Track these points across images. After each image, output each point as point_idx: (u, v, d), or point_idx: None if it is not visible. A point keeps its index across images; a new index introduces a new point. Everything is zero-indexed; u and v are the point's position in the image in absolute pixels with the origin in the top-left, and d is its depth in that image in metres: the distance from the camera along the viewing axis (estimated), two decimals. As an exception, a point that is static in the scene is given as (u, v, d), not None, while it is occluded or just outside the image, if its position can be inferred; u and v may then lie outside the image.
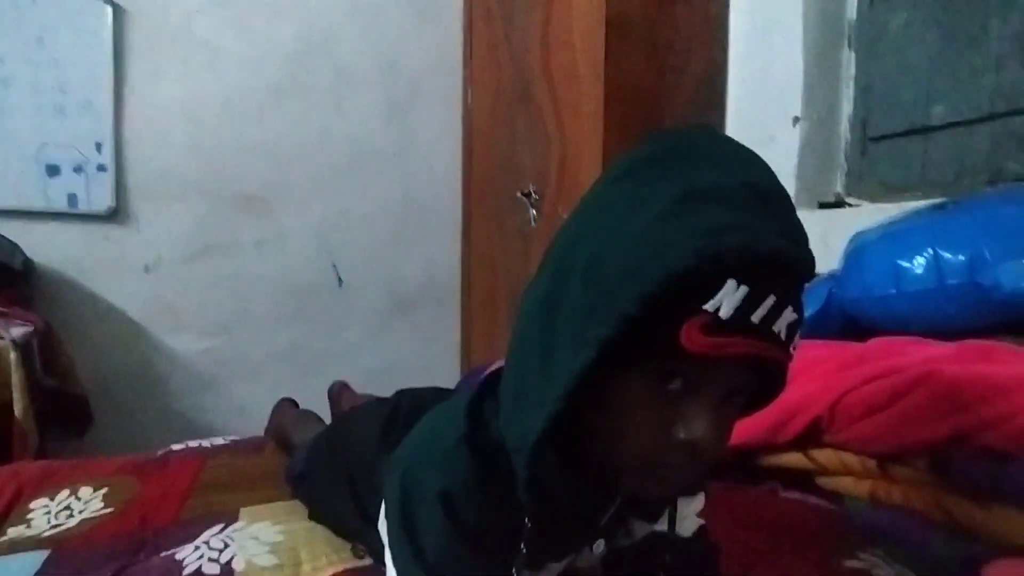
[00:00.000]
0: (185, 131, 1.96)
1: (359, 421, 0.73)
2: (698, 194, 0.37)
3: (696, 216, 0.37)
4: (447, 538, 0.44)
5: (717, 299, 0.35)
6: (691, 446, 0.39)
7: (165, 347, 1.97)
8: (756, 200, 0.38)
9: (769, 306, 0.36)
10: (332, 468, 0.70)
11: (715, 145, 0.42)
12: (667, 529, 0.52)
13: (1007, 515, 0.58)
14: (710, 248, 0.35)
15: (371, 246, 2.21)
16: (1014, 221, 0.90)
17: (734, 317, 0.36)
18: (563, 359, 0.38)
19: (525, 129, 1.97)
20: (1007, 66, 1.32)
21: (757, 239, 0.36)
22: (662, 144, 0.42)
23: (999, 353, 0.72)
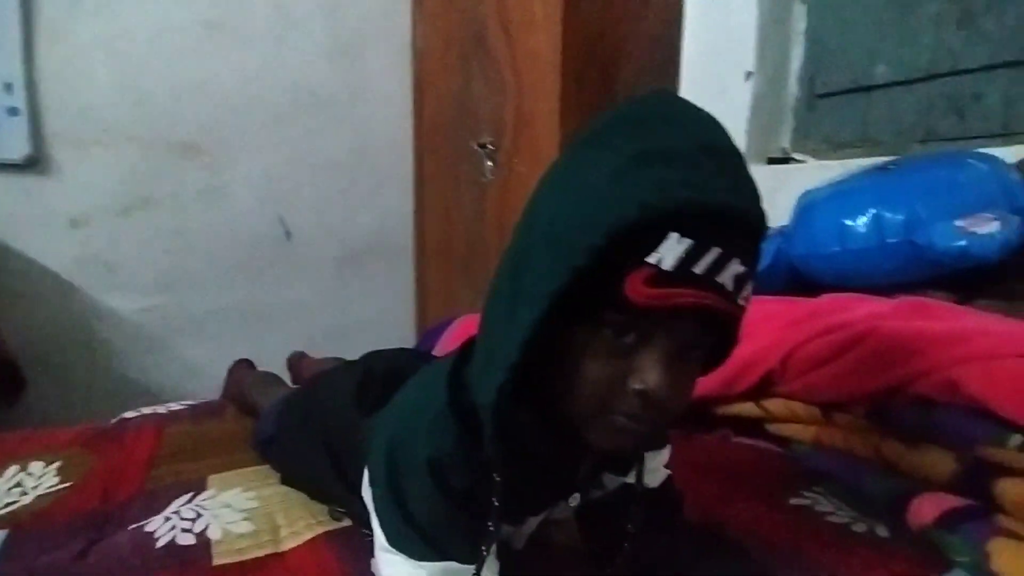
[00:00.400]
0: (108, 69, 1.80)
1: (331, 384, 0.73)
2: (650, 153, 0.39)
3: (645, 173, 0.38)
4: (435, 503, 0.46)
5: (660, 252, 0.37)
6: (644, 396, 0.41)
7: (102, 307, 1.86)
8: (707, 158, 0.39)
9: (713, 258, 0.38)
10: (306, 431, 0.70)
11: (672, 108, 0.43)
12: (635, 482, 0.55)
13: (933, 455, 0.64)
14: (654, 202, 0.37)
15: (320, 197, 2.13)
16: (946, 184, 0.96)
17: (677, 269, 0.37)
18: (521, 314, 0.40)
19: (479, 77, 1.92)
20: (944, 29, 1.37)
21: (702, 193, 0.37)
22: (622, 110, 0.43)
23: (932, 309, 0.78)
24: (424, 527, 0.47)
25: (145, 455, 0.83)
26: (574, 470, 0.53)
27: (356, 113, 2.16)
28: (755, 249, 0.42)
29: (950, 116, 1.38)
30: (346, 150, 2.16)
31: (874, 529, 0.63)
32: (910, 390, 0.67)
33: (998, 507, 0.57)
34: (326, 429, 0.67)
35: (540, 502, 0.54)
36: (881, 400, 0.70)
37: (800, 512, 0.68)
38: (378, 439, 0.52)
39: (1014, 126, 1.27)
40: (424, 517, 0.47)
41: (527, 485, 0.48)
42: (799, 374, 0.77)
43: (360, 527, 0.63)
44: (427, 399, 0.50)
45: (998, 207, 0.90)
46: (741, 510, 0.68)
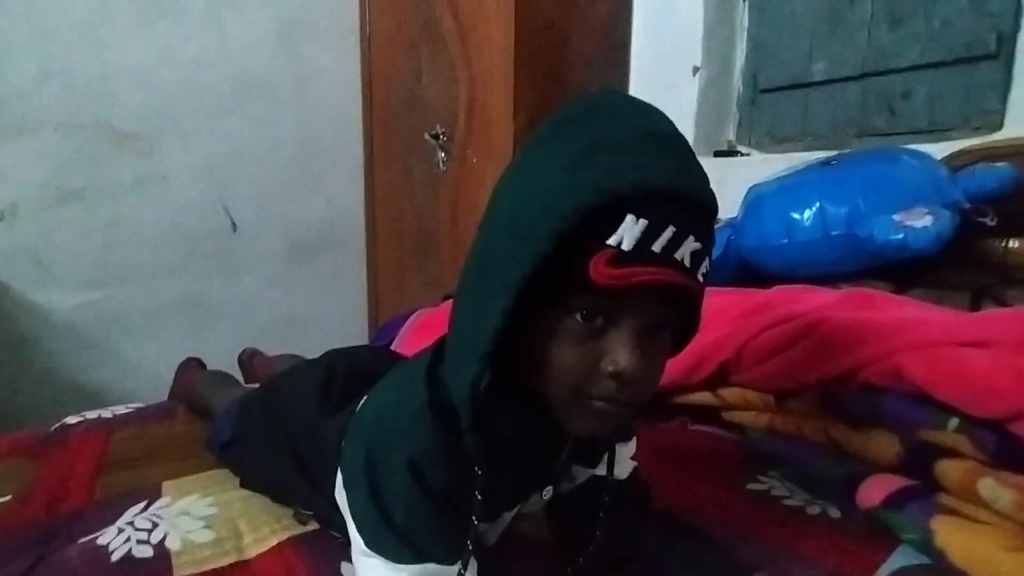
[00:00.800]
0: (33, 52, 1.68)
1: (293, 384, 0.71)
2: (600, 144, 0.41)
3: (599, 162, 0.40)
4: (415, 503, 0.46)
5: (619, 233, 0.39)
6: (617, 377, 0.42)
7: (33, 304, 1.75)
8: (653, 145, 0.41)
9: (669, 236, 0.39)
10: (268, 432, 0.68)
11: (617, 103, 0.45)
12: (606, 473, 0.57)
13: (879, 439, 0.68)
14: (609, 186, 0.39)
15: (266, 187, 2.05)
16: (884, 180, 1.02)
17: (636, 248, 0.39)
18: (490, 304, 0.41)
19: (431, 66, 1.89)
20: (876, 30, 1.45)
21: (652, 175, 0.39)
22: (571, 108, 0.45)
23: (876, 300, 0.82)
24: (404, 529, 0.46)
25: (92, 462, 0.79)
26: (551, 462, 0.53)
27: (302, 100, 2.09)
28: (708, 227, 0.44)
29: (883, 112, 1.46)
30: (293, 138, 2.09)
31: (827, 511, 0.67)
32: (858, 377, 0.70)
33: (940, 487, 0.61)
34: (289, 430, 0.66)
35: (516, 496, 0.54)
36: (831, 387, 0.73)
37: (758, 496, 0.71)
38: (354, 441, 0.51)
39: (940, 122, 1.35)
40: (403, 518, 0.46)
41: (506, 479, 0.49)
42: (753, 364, 0.80)
43: (328, 529, 0.62)
44: (403, 398, 0.49)
45: (931, 202, 0.95)
46: (702, 496, 0.71)
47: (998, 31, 1.23)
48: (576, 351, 0.42)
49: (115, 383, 1.83)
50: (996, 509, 0.56)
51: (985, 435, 0.59)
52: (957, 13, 1.30)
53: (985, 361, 0.60)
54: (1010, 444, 0.57)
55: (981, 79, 1.27)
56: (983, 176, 1.00)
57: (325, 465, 0.57)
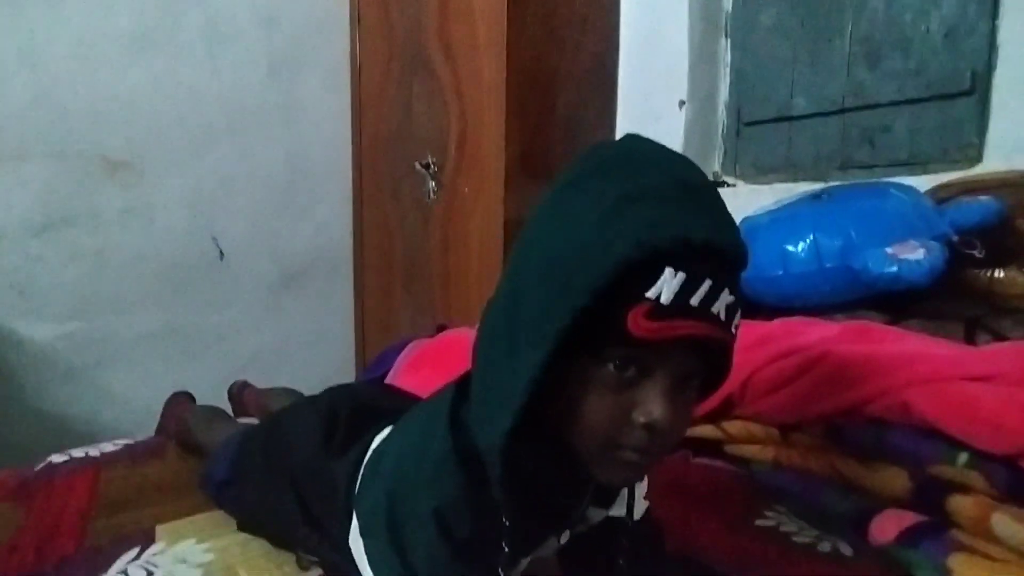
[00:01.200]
0: (25, 81, 1.67)
1: (295, 423, 0.69)
2: (636, 194, 0.41)
3: (635, 213, 0.40)
4: (440, 554, 0.45)
5: (657, 286, 0.39)
6: (649, 428, 0.41)
7: (13, 334, 1.70)
8: (687, 196, 0.41)
9: (706, 290, 0.40)
10: (270, 473, 0.66)
11: (647, 150, 0.45)
12: (625, 515, 0.56)
13: (888, 473, 0.68)
14: (648, 239, 0.39)
15: (254, 216, 2.03)
16: (875, 213, 1.04)
17: (674, 301, 0.39)
18: (525, 354, 0.41)
19: (421, 97, 1.91)
20: (856, 66, 1.50)
21: (690, 230, 0.39)
22: (600, 154, 0.45)
23: (875, 333, 0.83)
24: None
25: (82, 506, 0.75)
26: (575, 507, 0.52)
27: (291, 130, 2.09)
28: (738, 280, 0.44)
29: (864, 145, 1.50)
30: (281, 168, 2.08)
31: (838, 547, 0.66)
32: (862, 411, 0.71)
33: (953, 522, 0.61)
34: (292, 470, 0.63)
35: (536, 541, 0.53)
36: (836, 421, 0.73)
37: (766, 533, 0.71)
38: (373, 487, 0.49)
39: (920, 155, 1.39)
40: (426, 568, 0.45)
41: (530, 525, 0.48)
42: (757, 397, 0.80)
43: (330, 572, 0.60)
44: (426, 444, 0.48)
45: (920, 234, 0.98)
46: (710, 533, 0.70)
47: (972, 69, 1.27)
48: (608, 401, 0.42)
49: (99, 414, 1.77)
50: (1011, 546, 0.56)
51: (996, 470, 0.59)
52: (932, 52, 1.35)
53: (992, 397, 0.61)
54: (1022, 480, 0.57)
55: (958, 114, 1.31)
56: (968, 209, 1.03)
57: (331, 508, 0.55)
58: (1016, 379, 0.64)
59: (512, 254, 0.47)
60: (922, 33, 1.36)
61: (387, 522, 0.47)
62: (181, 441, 0.96)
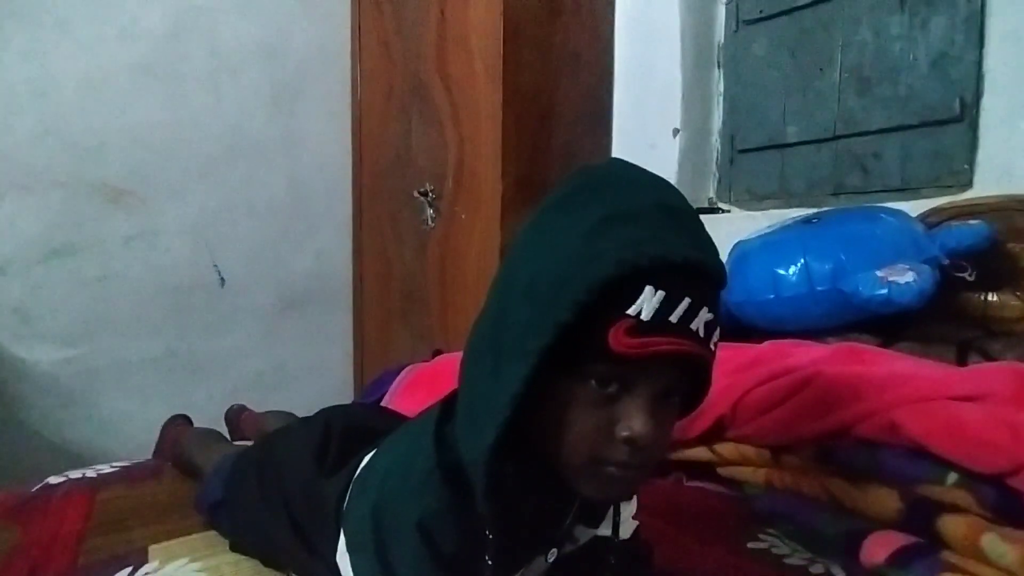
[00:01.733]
0: (35, 113, 1.71)
1: (288, 443, 0.69)
2: (618, 215, 0.42)
3: (616, 233, 0.41)
4: (423, 567, 0.45)
5: (638, 304, 0.40)
6: (631, 442, 0.42)
7: (16, 359, 1.71)
8: (668, 218, 0.43)
9: (685, 307, 0.41)
10: (263, 492, 0.66)
11: (630, 174, 0.47)
12: (611, 533, 0.56)
13: (878, 494, 0.68)
14: (629, 258, 0.40)
15: (255, 243, 2.06)
16: (865, 237, 1.06)
17: (654, 318, 0.40)
18: (509, 370, 0.42)
19: (420, 127, 1.94)
20: (846, 94, 1.53)
21: (669, 249, 0.41)
22: (583, 176, 0.47)
23: (865, 354, 0.84)
24: None
25: (76, 526, 0.76)
26: (560, 523, 0.53)
27: (292, 159, 2.13)
28: (718, 298, 0.45)
29: (856, 171, 1.53)
30: (282, 196, 2.12)
31: (830, 570, 0.66)
32: (853, 432, 0.71)
33: (942, 543, 0.60)
34: (284, 490, 0.64)
35: (522, 560, 0.53)
36: (827, 442, 0.74)
37: (759, 556, 0.70)
38: (360, 502, 0.50)
39: (911, 181, 1.41)
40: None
41: (515, 541, 0.48)
42: (748, 419, 0.80)
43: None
44: (411, 459, 0.49)
45: (911, 258, 0.99)
46: (703, 555, 0.70)
47: (960, 96, 1.30)
48: (591, 417, 0.43)
49: (98, 438, 1.78)
50: (1001, 566, 0.56)
51: (985, 490, 0.59)
52: (920, 80, 1.38)
53: (980, 416, 0.62)
54: (1011, 499, 0.58)
55: (948, 141, 1.34)
56: (959, 233, 1.04)
57: (322, 527, 0.55)
58: (1003, 398, 0.64)
59: (497, 273, 0.48)
60: (910, 62, 1.40)
61: (372, 536, 0.47)
62: (177, 462, 0.96)
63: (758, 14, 1.66)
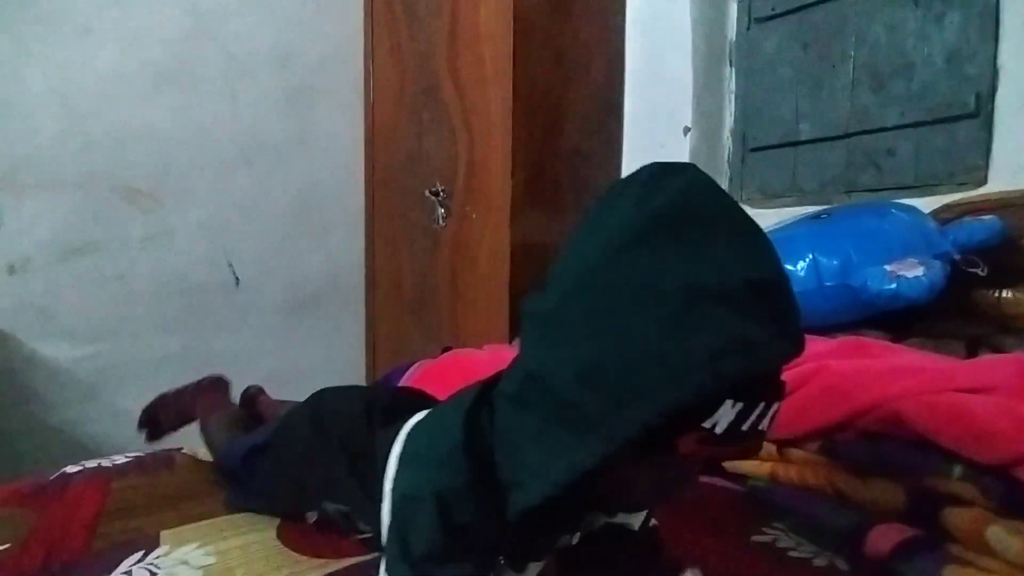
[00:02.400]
0: (55, 116, 1.75)
1: (341, 399, 0.74)
2: (702, 295, 0.38)
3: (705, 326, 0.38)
4: (437, 538, 0.47)
5: (715, 417, 0.38)
6: None
7: (36, 356, 1.76)
8: (757, 301, 0.39)
9: (759, 412, 0.40)
10: (319, 435, 0.69)
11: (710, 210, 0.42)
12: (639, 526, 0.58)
13: (883, 487, 0.67)
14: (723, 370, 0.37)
15: (269, 243, 2.10)
16: (875, 232, 1.05)
17: (728, 430, 0.39)
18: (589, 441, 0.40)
19: (431, 128, 1.96)
20: (860, 91, 1.51)
21: (757, 358, 0.38)
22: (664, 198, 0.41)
23: (870, 347, 0.83)
24: (419, 563, 0.47)
25: (91, 511, 0.78)
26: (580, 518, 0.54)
27: (306, 161, 2.16)
28: None
29: (869, 169, 1.51)
30: (295, 196, 2.15)
31: (834, 563, 0.66)
32: (859, 425, 0.71)
33: (948, 536, 0.60)
34: (341, 434, 0.67)
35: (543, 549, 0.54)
36: (832, 435, 0.73)
37: (763, 549, 0.70)
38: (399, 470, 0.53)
39: (925, 178, 1.40)
40: (422, 551, 0.47)
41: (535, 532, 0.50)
42: (755, 412, 0.80)
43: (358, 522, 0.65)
44: (440, 437, 0.51)
45: (921, 253, 0.98)
46: (707, 548, 0.69)
47: (976, 92, 1.29)
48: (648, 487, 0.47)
49: (114, 434, 1.80)
50: (1006, 559, 0.55)
51: (991, 482, 0.59)
52: (935, 76, 1.37)
53: (985, 407, 0.61)
54: (1017, 491, 0.57)
55: (963, 137, 1.32)
56: (971, 228, 1.03)
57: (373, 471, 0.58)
58: (1011, 390, 0.64)
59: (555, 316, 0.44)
60: (924, 57, 1.38)
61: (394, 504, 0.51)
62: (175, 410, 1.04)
63: (770, 11, 1.66)
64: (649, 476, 0.45)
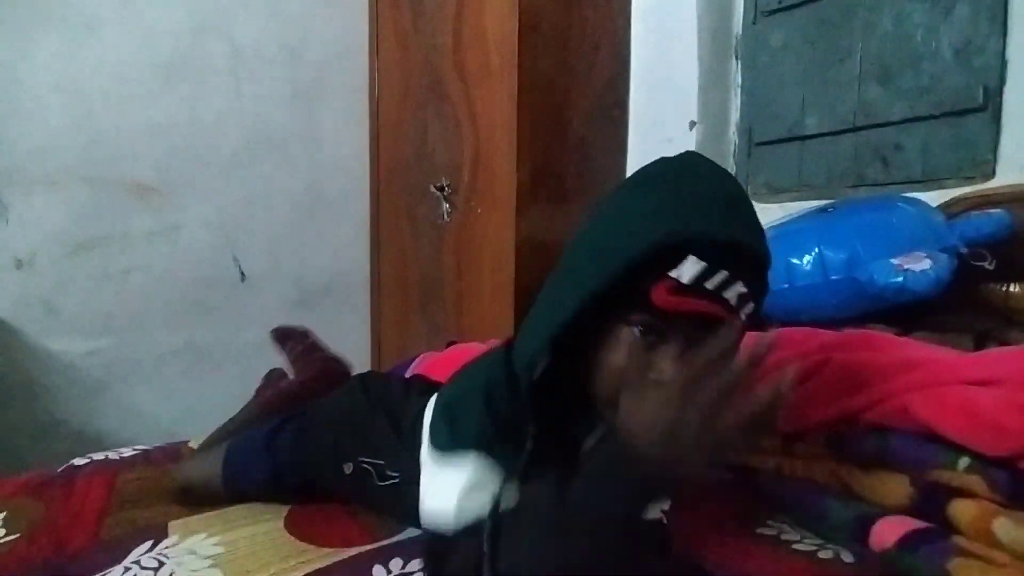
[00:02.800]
0: (62, 110, 1.76)
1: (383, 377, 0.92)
2: (680, 198, 0.53)
3: (674, 211, 0.52)
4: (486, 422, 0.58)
5: (680, 269, 0.50)
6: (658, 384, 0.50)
7: (43, 350, 1.77)
8: (723, 203, 0.53)
9: (721, 279, 0.50)
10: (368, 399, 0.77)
11: (700, 168, 0.57)
12: None
13: (889, 480, 0.67)
14: (677, 229, 0.50)
15: (275, 238, 2.10)
16: (881, 225, 1.04)
17: (693, 283, 0.50)
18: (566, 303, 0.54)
19: (436, 122, 1.96)
20: (867, 84, 1.50)
21: (715, 228, 0.50)
22: (662, 165, 0.58)
23: (878, 340, 0.83)
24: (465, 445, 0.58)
25: (99, 502, 0.78)
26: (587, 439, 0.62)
27: (312, 156, 2.17)
28: (758, 277, 0.55)
29: (876, 163, 1.50)
30: (302, 192, 2.16)
31: (839, 555, 0.66)
32: (865, 418, 0.70)
33: (954, 528, 0.60)
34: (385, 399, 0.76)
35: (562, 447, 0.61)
36: (838, 428, 0.73)
37: (768, 541, 0.70)
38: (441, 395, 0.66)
39: (932, 173, 1.39)
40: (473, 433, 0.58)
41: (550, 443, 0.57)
42: (760, 405, 0.80)
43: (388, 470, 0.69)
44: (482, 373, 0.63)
45: (928, 246, 0.98)
46: (709, 540, 0.70)
47: (984, 85, 1.27)
48: (629, 358, 0.53)
49: (120, 429, 1.83)
50: (1012, 551, 0.55)
51: (998, 475, 0.58)
52: (943, 69, 1.35)
53: (992, 399, 0.61)
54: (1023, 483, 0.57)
55: (971, 130, 1.31)
56: (979, 222, 1.02)
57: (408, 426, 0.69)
58: (1016, 383, 0.63)
59: (573, 238, 0.59)
60: (932, 50, 1.37)
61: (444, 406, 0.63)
62: None
63: (777, 4, 1.65)
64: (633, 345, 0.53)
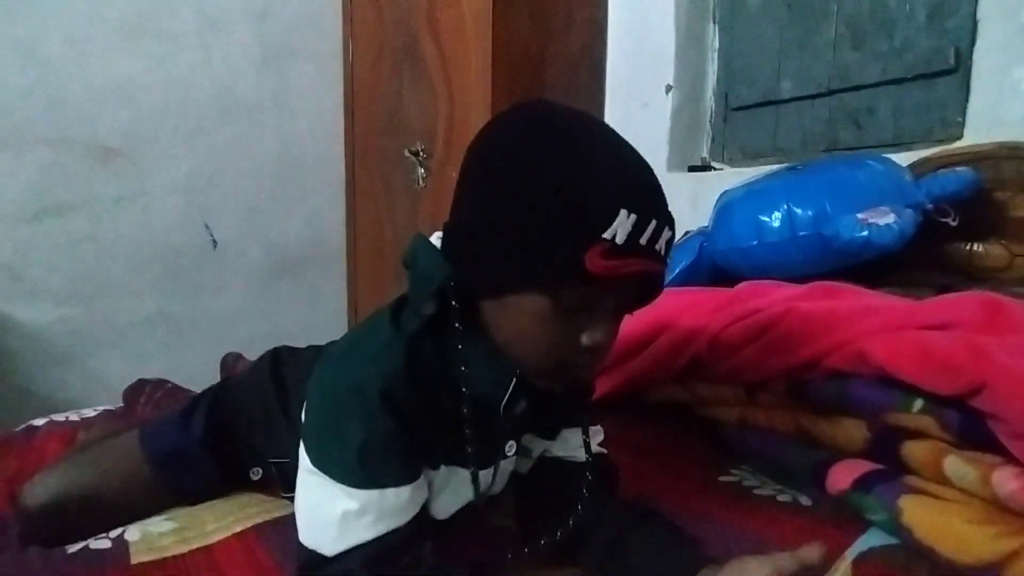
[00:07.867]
0: (20, 70, 1.70)
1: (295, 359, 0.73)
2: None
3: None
4: (379, 424, 0.47)
5: (613, 227, 0.43)
6: (595, 351, 0.48)
7: (9, 318, 1.73)
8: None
9: (652, 229, 0.45)
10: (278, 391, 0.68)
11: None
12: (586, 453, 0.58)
13: (848, 426, 0.68)
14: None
15: (248, 204, 2.06)
16: (850, 182, 1.05)
17: (627, 241, 0.44)
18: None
19: (411, 85, 1.93)
20: (841, 48, 1.50)
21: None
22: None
23: (841, 291, 0.83)
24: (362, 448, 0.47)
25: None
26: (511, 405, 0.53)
27: (284, 120, 2.12)
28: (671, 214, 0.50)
29: (849, 127, 1.51)
30: (274, 157, 2.11)
31: (797, 499, 0.67)
32: (824, 364, 0.71)
33: (907, 469, 0.61)
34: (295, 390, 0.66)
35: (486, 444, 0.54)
36: (799, 376, 0.74)
37: (728, 488, 0.72)
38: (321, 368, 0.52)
39: (904, 136, 1.39)
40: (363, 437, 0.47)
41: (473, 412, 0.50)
42: (723, 357, 0.80)
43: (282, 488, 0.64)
44: (371, 335, 0.53)
45: (894, 202, 0.98)
46: (670, 488, 0.71)
47: (956, 46, 1.27)
48: (560, 330, 0.47)
49: (89, 398, 1.78)
50: (962, 487, 0.56)
51: (949, 415, 0.59)
52: (916, 31, 1.35)
53: (945, 340, 0.61)
54: (973, 423, 0.58)
55: (941, 93, 1.32)
56: (945, 179, 1.02)
57: None
58: (972, 325, 0.64)
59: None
60: (906, 13, 1.37)
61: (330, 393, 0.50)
62: None
63: (754, -34, 1.63)
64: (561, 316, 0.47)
